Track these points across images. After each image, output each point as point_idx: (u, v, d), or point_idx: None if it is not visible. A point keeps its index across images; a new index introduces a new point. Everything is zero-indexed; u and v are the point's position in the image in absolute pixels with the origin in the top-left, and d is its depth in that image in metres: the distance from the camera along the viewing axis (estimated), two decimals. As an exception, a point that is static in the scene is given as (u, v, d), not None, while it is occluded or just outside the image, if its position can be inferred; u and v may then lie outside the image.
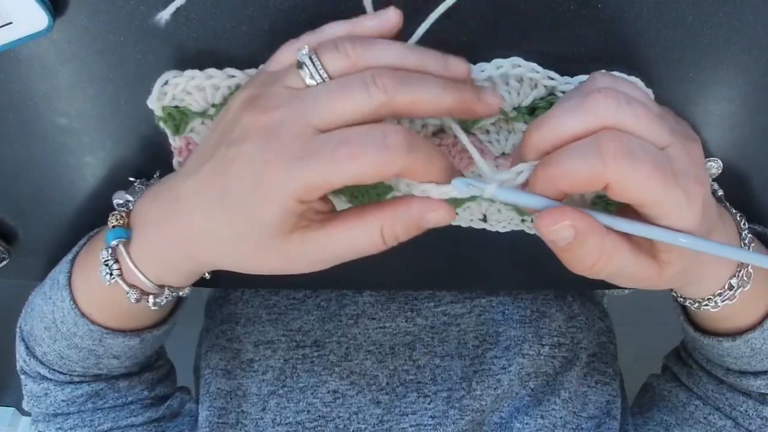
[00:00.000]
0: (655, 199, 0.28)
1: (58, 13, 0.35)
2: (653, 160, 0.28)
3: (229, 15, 0.36)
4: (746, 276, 0.38)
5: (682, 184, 0.28)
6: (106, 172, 0.44)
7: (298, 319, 0.57)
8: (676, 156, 0.29)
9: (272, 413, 0.53)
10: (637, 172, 0.27)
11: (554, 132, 0.29)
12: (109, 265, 0.38)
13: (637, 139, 0.28)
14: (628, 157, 0.27)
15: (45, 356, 0.47)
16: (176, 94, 0.38)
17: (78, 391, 0.48)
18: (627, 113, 0.28)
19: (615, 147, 0.27)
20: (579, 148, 0.28)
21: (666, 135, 0.29)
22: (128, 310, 0.42)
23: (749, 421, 0.47)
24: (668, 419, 0.52)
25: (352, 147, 0.28)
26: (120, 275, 0.38)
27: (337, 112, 0.29)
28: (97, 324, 0.42)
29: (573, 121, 0.28)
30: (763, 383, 0.45)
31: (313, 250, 0.32)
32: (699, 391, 0.51)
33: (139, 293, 0.39)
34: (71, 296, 0.42)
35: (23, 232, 0.49)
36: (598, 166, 0.27)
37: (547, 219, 0.29)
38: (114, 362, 0.47)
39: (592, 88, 0.29)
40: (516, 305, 0.56)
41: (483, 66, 0.36)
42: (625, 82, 0.30)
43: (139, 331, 0.45)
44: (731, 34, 0.36)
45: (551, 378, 0.54)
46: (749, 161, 0.43)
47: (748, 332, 0.41)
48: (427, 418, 0.52)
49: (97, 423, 0.50)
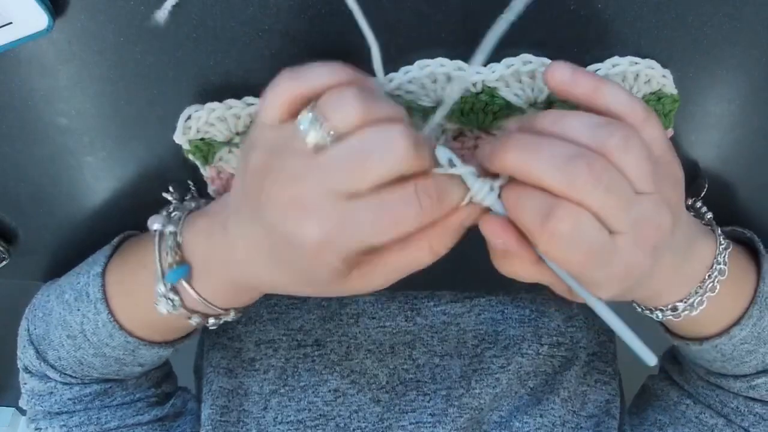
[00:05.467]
0: (575, 276, 0.30)
1: (58, 13, 0.35)
2: (589, 250, 0.29)
3: (229, 15, 0.36)
4: (710, 289, 0.39)
5: (607, 272, 0.29)
6: (106, 172, 0.44)
7: (299, 319, 0.57)
8: (621, 244, 0.29)
9: (274, 412, 0.53)
10: (565, 255, 0.29)
11: (529, 171, 0.29)
12: (171, 299, 0.39)
13: (590, 225, 0.28)
14: (564, 242, 0.28)
15: (60, 361, 0.47)
16: (200, 127, 0.39)
17: (86, 390, 0.48)
18: (597, 199, 0.28)
19: (559, 228, 0.28)
20: (535, 203, 0.29)
21: (624, 223, 0.29)
22: (171, 325, 0.42)
23: (741, 418, 0.47)
24: (662, 419, 0.52)
25: (392, 216, 0.29)
26: (182, 305, 0.39)
27: (356, 180, 0.29)
28: (134, 335, 0.43)
29: (551, 176, 0.28)
30: (743, 386, 0.45)
31: (372, 280, 0.33)
32: (690, 389, 0.51)
33: (202, 317, 0.40)
34: (108, 310, 0.42)
35: (23, 232, 0.49)
36: (536, 233, 0.29)
37: (492, 226, 0.31)
38: (137, 369, 0.48)
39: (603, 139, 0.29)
40: (515, 305, 0.57)
41: (494, 66, 0.36)
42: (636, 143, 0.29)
43: (172, 342, 0.45)
44: (731, 34, 0.36)
45: (550, 377, 0.54)
46: (748, 161, 0.43)
47: (715, 338, 0.41)
48: (426, 416, 0.52)
49: (104, 421, 0.50)
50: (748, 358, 0.42)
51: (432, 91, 0.37)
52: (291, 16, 0.36)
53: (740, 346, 0.41)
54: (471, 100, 0.37)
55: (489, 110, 0.37)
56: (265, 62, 0.37)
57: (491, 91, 0.37)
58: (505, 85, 0.37)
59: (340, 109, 0.29)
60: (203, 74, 0.38)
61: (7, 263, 0.50)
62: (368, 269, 0.33)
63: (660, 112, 0.38)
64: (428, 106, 0.37)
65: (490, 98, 0.37)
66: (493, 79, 0.37)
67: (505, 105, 0.37)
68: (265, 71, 0.38)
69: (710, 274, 0.39)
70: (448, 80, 0.37)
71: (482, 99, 0.37)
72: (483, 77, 0.36)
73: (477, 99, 0.37)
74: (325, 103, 0.29)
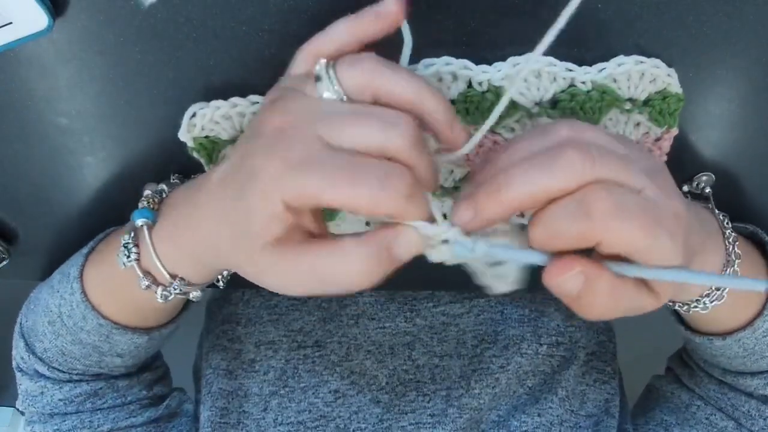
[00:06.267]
0: (644, 248, 0.28)
1: (58, 13, 0.35)
2: (640, 212, 0.28)
3: (229, 15, 0.36)
4: (733, 272, 0.38)
5: (665, 227, 0.28)
6: (106, 172, 0.44)
7: (299, 320, 0.57)
8: (653, 197, 0.29)
9: (274, 413, 0.53)
10: (627, 229, 0.27)
11: (530, 193, 0.28)
12: (129, 248, 0.39)
13: (620, 191, 0.28)
14: (617, 216, 0.27)
15: (45, 353, 0.47)
16: (205, 125, 0.39)
17: (76, 390, 0.48)
18: (603, 167, 0.28)
19: (603, 207, 0.27)
20: (566, 209, 0.28)
21: (640, 177, 0.29)
22: (138, 303, 0.42)
23: (752, 422, 0.47)
24: (669, 419, 0.52)
25: (353, 173, 0.28)
26: (137, 260, 0.39)
27: (346, 133, 0.29)
28: (106, 317, 0.43)
29: (550, 181, 0.28)
30: (761, 383, 0.45)
31: (291, 272, 0.31)
32: (701, 392, 0.51)
33: (151, 281, 0.39)
34: (82, 288, 0.43)
35: (23, 232, 0.49)
36: (588, 229, 0.27)
37: (557, 269, 0.29)
38: (117, 361, 0.47)
39: (556, 139, 0.29)
40: (514, 305, 0.57)
41: (499, 65, 0.36)
42: (583, 126, 0.30)
43: (147, 330, 0.45)
44: (731, 34, 0.36)
45: (549, 377, 0.54)
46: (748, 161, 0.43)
47: (739, 332, 0.42)
48: (426, 416, 0.52)
49: (97, 424, 0.50)
50: None
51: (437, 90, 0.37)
52: (291, 16, 0.36)
53: (763, 338, 0.42)
54: (476, 99, 0.37)
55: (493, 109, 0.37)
56: (265, 62, 0.37)
57: (497, 90, 0.37)
58: (511, 84, 0.37)
59: (355, 71, 0.30)
60: (203, 74, 0.38)
61: (7, 263, 0.50)
62: (293, 257, 0.30)
63: (665, 111, 0.38)
64: None
65: (496, 97, 0.37)
66: (499, 78, 0.37)
67: (510, 104, 0.37)
68: (265, 71, 0.38)
69: (729, 259, 0.39)
70: (453, 79, 0.37)
71: (488, 98, 0.37)
72: (489, 76, 0.37)
73: (483, 98, 0.37)
74: (343, 61, 0.31)
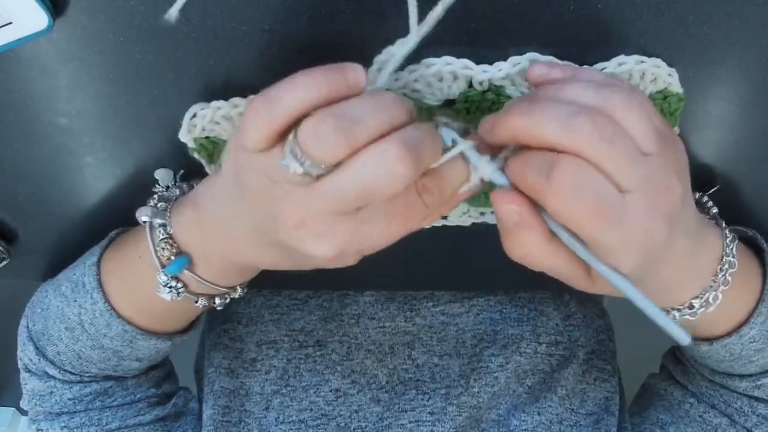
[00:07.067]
0: (587, 237, 0.29)
1: (58, 13, 0.35)
2: (598, 204, 0.27)
3: (229, 15, 0.36)
4: (723, 282, 0.38)
5: (622, 232, 0.28)
6: (106, 172, 0.44)
7: (300, 320, 0.57)
8: (633, 204, 0.28)
9: (275, 412, 0.53)
10: (573, 210, 0.28)
11: (533, 129, 0.29)
12: (173, 287, 0.40)
13: (595, 177, 0.28)
14: (568, 194, 0.27)
15: (59, 356, 0.47)
16: (205, 125, 0.39)
17: (87, 389, 0.48)
18: (602, 152, 0.27)
19: (562, 179, 0.27)
20: (537, 160, 0.29)
21: (633, 180, 0.28)
22: (169, 311, 0.43)
23: (745, 418, 0.47)
24: (664, 418, 0.52)
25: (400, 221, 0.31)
26: (185, 290, 0.40)
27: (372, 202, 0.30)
28: (132, 324, 0.43)
29: (553, 132, 0.28)
30: (749, 385, 0.45)
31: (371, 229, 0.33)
32: (694, 389, 0.51)
33: (208, 298, 0.41)
34: (104, 298, 0.43)
35: (23, 232, 0.49)
36: (540, 188, 0.28)
37: (500, 197, 0.31)
38: (135, 365, 0.48)
39: (603, 98, 0.29)
40: (514, 304, 0.57)
41: (500, 65, 0.36)
42: (632, 104, 0.29)
43: (170, 335, 0.45)
44: (731, 34, 0.36)
45: (548, 375, 0.54)
46: (749, 162, 0.43)
47: (725, 338, 0.41)
48: (425, 414, 0.52)
49: (105, 422, 0.50)
50: (756, 357, 0.42)
51: (438, 89, 0.37)
52: (291, 16, 0.36)
53: (749, 345, 0.41)
54: (477, 99, 0.37)
55: (495, 109, 0.37)
56: (265, 62, 0.37)
57: (498, 90, 0.37)
58: (512, 83, 0.37)
59: (322, 144, 0.28)
60: (203, 74, 0.38)
61: (7, 263, 0.50)
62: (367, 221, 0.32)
63: (666, 111, 0.38)
64: (434, 105, 0.37)
65: (497, 96, 0.37)
66: (500, 78, 0.37)
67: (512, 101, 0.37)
68: (265, 71, 0.38)
69: (721, 267, 0.38)
70: (454, 78, 0.37)
71: (488, 97, 0.37)
72: (490, 75, 0.36)
73: (483, 97, 0.37)
74: (304, 140, 0.28)
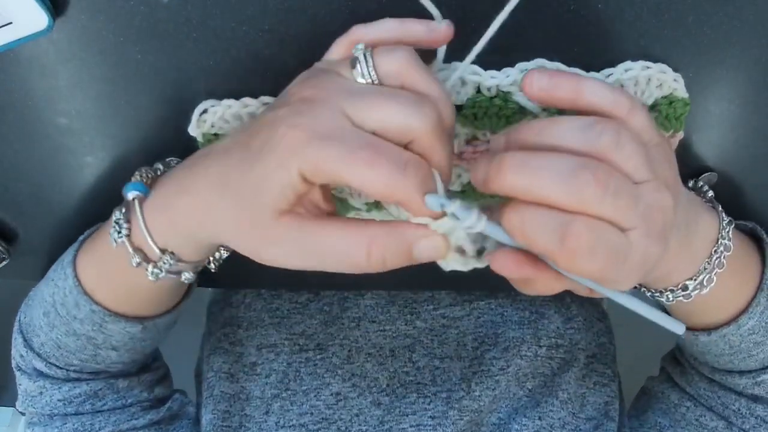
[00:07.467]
0: (596, 279, 0.29)
1: (58, 13, 0.35)
2: (609, 255, 0.28)
3: (229, 15, 0.36)
4: (718, 265, 0.38)
5: (626, 268, 0.29)
6: (106, 172, 0.44)
7: (301, 323, 0.57)
8: (635, 241, 0.29)
9: (276, 416, 0.53)
10: (586, 268, 0.28)
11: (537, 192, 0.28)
12: (120, 224, 0.38)
13: (604, 231, 0.28)
14: (583, 256, 0.27)
15: (42, 347, 0.47)
16: (215, 122, 0.40)
17: (76, 390, 0.48)
18: (608, 207, 0.27)
19: (577, 244, 0.27)
20: (547, 223, 0.28)
21: (634, 219, 0.28)
22: (131, 287, 0.42)
23: (742, 420, 0.47)
24: (662, 421, 0.52)
25: (375, 153, 0.28)
26: (128, 236, 0.38)
27: (372, 112, 0.29)
28: (99, 304, 0.42)
29: (558, 195, 0.27)
30: (749, 382, 0.45)
31: (296, 240, 0.31)
32: (691, 391, 0.51)
33: (142, 257, 0.38)
34: (74, 273, 0.42)
35: (23, 232, 0.49)
36: (554, 250, 0.28)
37: (502, 263, 0.30)
38: (112, 354, 0.47)
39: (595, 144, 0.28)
40: (514, 307, 0.57)
41: (508, 71, 0.37)
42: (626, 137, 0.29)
43: (140, 319, 0.44)
44: (731, 34, 0.36)
45: (549, 379, 0.54)
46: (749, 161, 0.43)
47: (723, 327, 0.41)
48: (426, 418, 0.52)
49: (98, 426, 0.49)
50: (755, 351, 0.42)
51: None
52: (291, 16, 0.36)
53: (748, 336, 0.41)
54: (485, 104, 0.38)
55: (502, 114, 0.38)
56: (265, 62, 0.37)
57: (505, 96, 0.37)
58: (519, 89, 0.37)
59: (389, 55, 0.31)
60: (203, 74, 0.38)
61: (7, 263, 0.50)
62: (301, 224, 0.31)
63: (671, 116, 0.38)
64: None
65: (504, 102, 0.37)
66: (508, 84, 0.37)
67: (518, 109, 0.38)
68: (265, 71, 0.38)
69: (716, 249, 0.38)
70: (462, 84, 0.37)
71: (496, 103, 0.37)
72: (498, 81, 0.37)
73: (491, 103, 0.38)
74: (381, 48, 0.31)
